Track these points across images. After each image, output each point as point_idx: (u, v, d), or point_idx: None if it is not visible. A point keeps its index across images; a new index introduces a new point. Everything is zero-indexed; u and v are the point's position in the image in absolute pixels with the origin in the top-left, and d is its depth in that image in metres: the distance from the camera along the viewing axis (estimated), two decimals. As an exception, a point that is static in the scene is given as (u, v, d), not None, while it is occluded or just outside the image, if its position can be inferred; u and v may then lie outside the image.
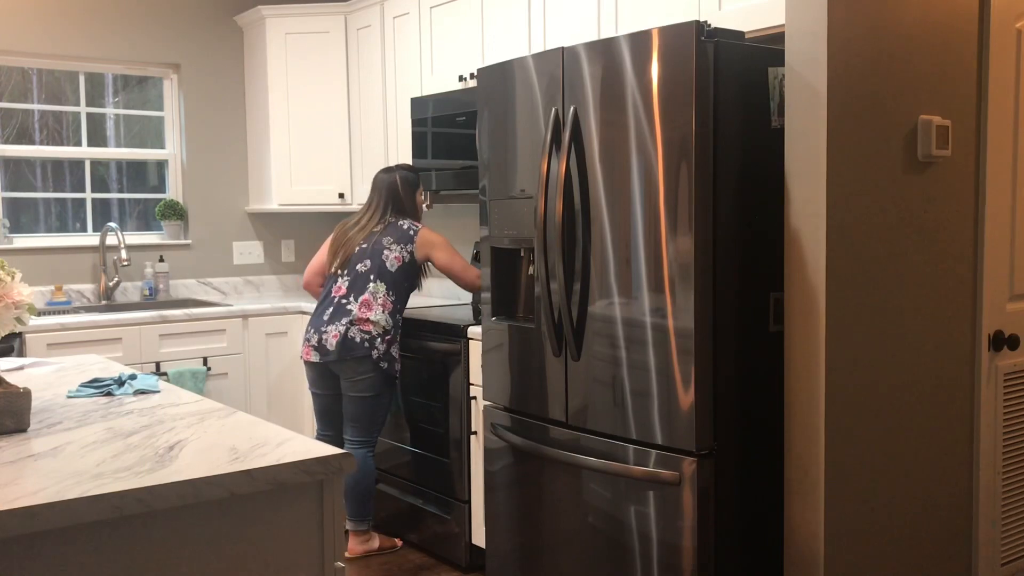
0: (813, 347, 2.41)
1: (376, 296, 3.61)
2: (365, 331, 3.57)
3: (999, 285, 2.89)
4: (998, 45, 2.81)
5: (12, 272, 1.86)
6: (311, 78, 4.83)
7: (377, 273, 3.63)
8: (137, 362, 4.15)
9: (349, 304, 3.62)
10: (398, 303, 3.67)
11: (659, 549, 2.57)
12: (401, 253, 3.65)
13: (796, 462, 2.47)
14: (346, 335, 3.57)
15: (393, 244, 3.65)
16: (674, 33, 2.45)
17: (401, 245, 3.66)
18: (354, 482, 3.64)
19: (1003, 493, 2.95)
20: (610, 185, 2.64)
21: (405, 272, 3.67)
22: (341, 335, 3.57)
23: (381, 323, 3.59)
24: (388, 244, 3.65)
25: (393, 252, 3.65)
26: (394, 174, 3.80)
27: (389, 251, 3.64)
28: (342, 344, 3.57)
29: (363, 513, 3.72)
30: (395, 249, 3.65)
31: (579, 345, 2.76)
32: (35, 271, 4.56)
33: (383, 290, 3.62)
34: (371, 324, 3.58)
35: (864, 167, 2.47)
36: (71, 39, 4.70)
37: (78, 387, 2.27)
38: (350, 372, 3.61)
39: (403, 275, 3.67)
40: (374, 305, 3.60)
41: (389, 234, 3.68)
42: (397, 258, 3.65)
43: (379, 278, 3.63)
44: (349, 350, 3.57)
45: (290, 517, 1.64)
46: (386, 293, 3.62)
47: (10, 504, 1.36)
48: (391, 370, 3.65)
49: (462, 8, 4.02)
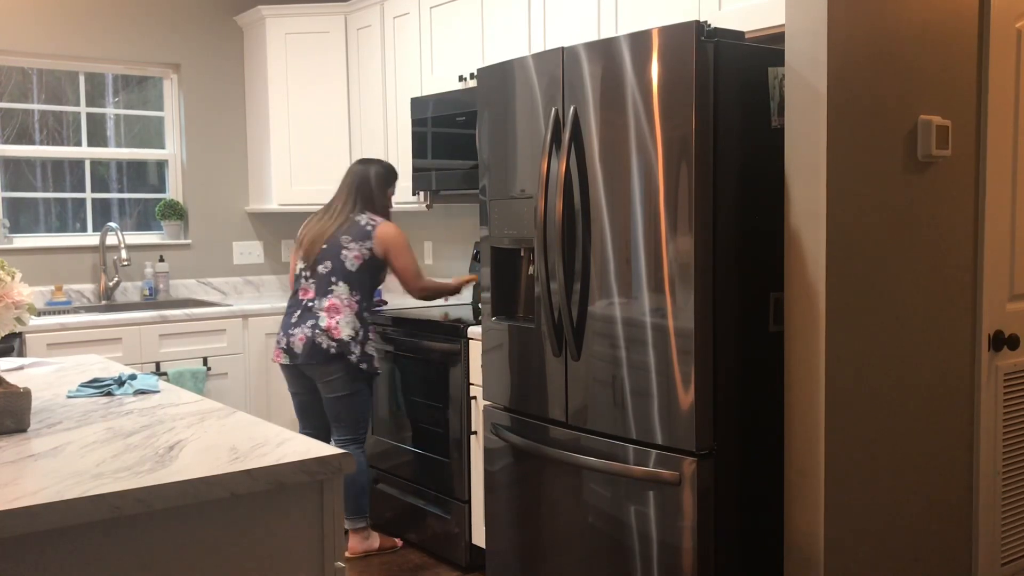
0: (813, 347, 2.41)
1: (341, 298, 3.59)
2: (335, 339, 3.56)
3: (999, 285, 2.89)
4: (998, 45, 2.81)
5: (12, 272, 1.86)
6: (311, 78, 4.83)
7: (339, 274, 3.61)
8: (137, 362, 4.15)
9: (315, 308, 3.61)
10: (363, 300, 3.65)
11: (659, 549, 2.57)
12: (360, 251, 3.62)
13: (796, 462, 2.47)
14: (313, 340, 3.56)
15: (351, 243, 3.62)
16: (674, 33, 2.45)
17: (359, 243, 3.63)
18: (348, 480, 3.64)
19: (1003, 493, 2.95)
20: (610, 185, 2.64)
21: (368, 269, 3.65)
22: (308, 339, 3.57)
23: (351, 327, 3.58)
24: (346, 243, 3.62)
25: (352, 251, 3.62)
26: (370, 167, 3.77)
27: (348, 250, 3.61)
28: (308, 348, 3.57)
29: (358, 510, 3.72)
30: (353, 248, 3.62)
31: (579, 345, 2.76)
32: (35, 271, 4.56)
33: (346, 291, 3.60)
34: (340, 330, 3.56)
35: (864, 167, 2.47)
36: (71, 39, 4.70)
37: (78, 387, 2.27)
38: (320, 374, 3.62)
39: (366, 273, 3.65)
40: (341, 308, 3.58)
41: (348, 232, 3.64)
42: (356, 256, 3.62)
43: (341, 279, 3.61)
44: (315, 354, 3.57)
45: (290, 517, 1.64)
46: (350, 294, 3.61)
47: (10, 504, 1.36)
48: (370, 369, 3.65)
49: (462, 8, 4.02)
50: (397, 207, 4.54)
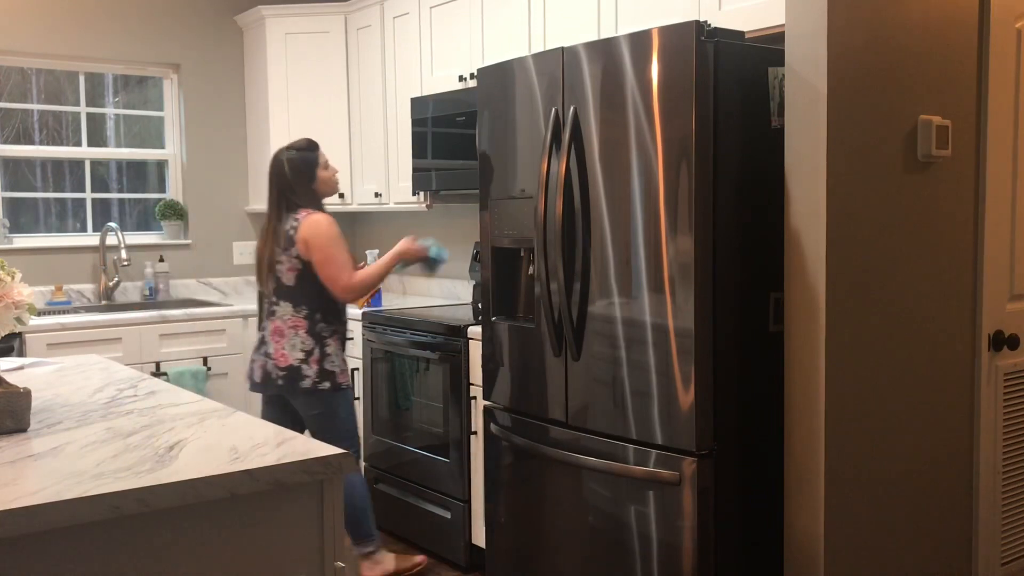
0: (813, 347, 2.41)
1: (284, 320, 3.25)
2: (283, 367, 3.23)
3: (999, 285, 2.89)
4: (998, 45, 2.81)
5: (12, 272, 1.86)
6: (311, 78, 4.83)
7: (279, 293, 3.26)
8: (137, 362, 4.15)
9: (264, 333, 3.32)
10: (313, 312, 3.25)
11: (659, 549, 2.57)
12: (291, 262, 3.23)
13: (796, 462, 2.47)
14: (265, 367, 3.28)
15: (282, 254, 3.24)
16: (674, 33, 2.45)
17: (287, 253, 3.23)
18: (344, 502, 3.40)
19: (1003, 493, 2.95)
20: (610, 185, 2.64)
21: (305, 278, 3.24)
22: (262, 367, 3.29)
23: (299, 348, 3.23)
24: (278, 256, 3.25)
25: (284, 264, 3.24)
26: (282, 158, 3.30)
27: (280, 264, 3.25)
28: (263, 376, 3.29)
29: (363, 533, 3.41)
30: (284, 260, 3.24)
31: (579, 345, 2.76)
32: (35, 271, 4.56)
33: (289, 310, 3.25)
34: (287, 356, 3.23)
35: (864, 167, 2.47)
36: (71, 39, 4.70)
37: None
38: (289, 396, 3.30)
39: (306, 281, 3.24)
40: (285, 331, 3.24)
41: (277, 243, 3.25)
42: (289, 269, 3.23)
43: (281, 298, 3.26)
44: (269, 385, 3.29)
45: (290, 517, 1.64)
46: (294, 312, 3.24)
47: (10, 504, 1.36)
48: (333, 385, 3.27)
49: (462, 8, 4.02)
50: (397, 207, 4.55)
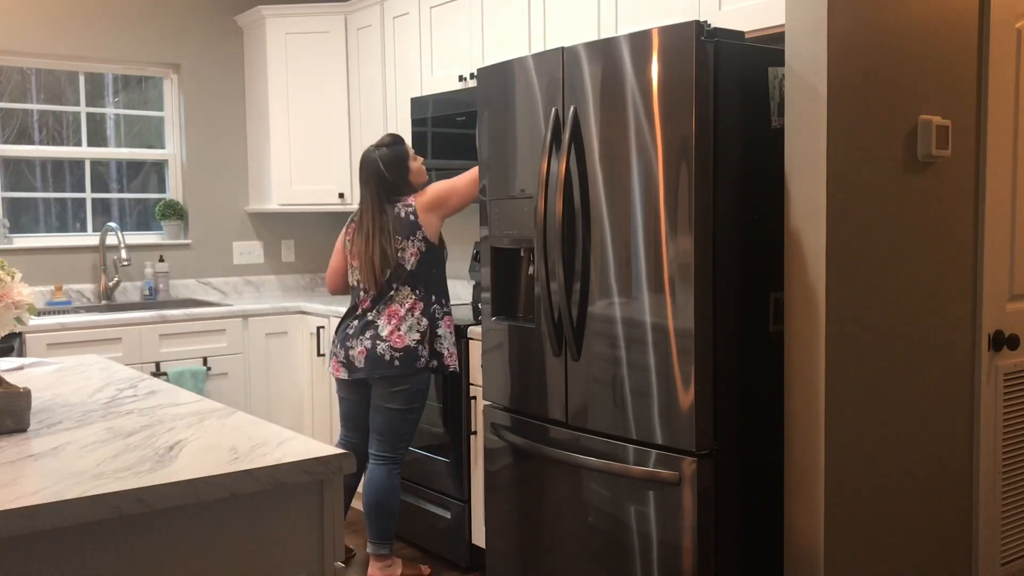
0: (813, 347, 2.41)
1: (403, 303, 3.38)
2: (398, 348, 3.35)
3: (999, 285, 2.89)
4: (998, 45, 2.81)
5: (12, 272, 1.86)
6: (311, 78, 4.83)
7: (400, 279, 3.39)
8: (137, 362, 4.15)
9: (375, 318, 3.40)
10: (430, 294, 3.42)
11: (659, 549, 2.57)
12: (416, 245, 3.38)
13: (796, 462, 2.47)
14: (374, 351, 3.35)
15: (403, 240, 3.38)
16: (674, 33, 2.45)
17: (410, 238, 3.38)
18: (375, 500, 3.42)
19: (1003, 493, 2.95)
20: (610, 185, 2.64)
21: (428, 260, 3.42)
22: (368, 351, 3.36)
23: (415, 329, 3.36)
24: (399, 244, 3.38)
25: (408, 249, 3.38)
26: (374, 156, 3.46)
27: (403, 250, 3.38)
28: (371, 360, 3.36)
29: (384, 535, 3.45)
30: (408, 245, 3.38)
31: (579, 345, 2.76)
32: (35, 271, 4.56)
33: (408, 292, 3.39)
34: (404, 337, 3.35)
35: (864, 167, 2.47)
36: (71, 39, 4.70)
37: None
38: (384, 385, 3.39)
39: (427, 264, 3.42)
40: (402, 313, 3.37)
41: (396, 231, 3.38)
42: (413, 252, 3.39)
43: (403, 283, 3.39)
44: (379, 367, 3.36)
45: (290, 517, 1.64)
46: (413, 295, 3.39)
47: (10, 504, 1.36)
48: (440, 367, 3.42)
49: (462, 8, 4.02)
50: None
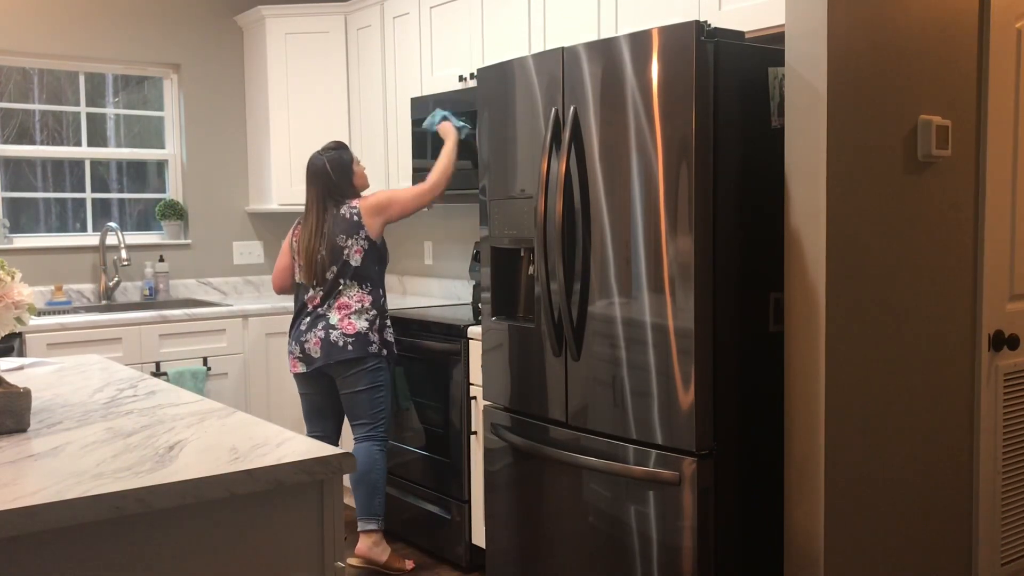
0: (813, 347, 2.41)
1: (351, 297, 3.58)
2: (350, 335, 3.54)
3: (999, 285, 2.89)
4: (998, 45, 2.81)
5: (12, 272, 1.86)
6: (311, 78, 4.83)
7: (345, 274, 3.59)
8: (137, 362, 4.15)
9: (326, 312, 3.59)
10: (375, 289, 3.63)
11: (659, 549, 2.57)
12: (360, 244, 3.59)
13: (796, 462, 2.47)
14: (328, 339, 3.54)
15: (347, 239, 3.58)
16: (674, 33, 2.45)
17: (354, 236, 3.58)
18: (359, 474, 3.59)
19: (1003, 493, 2.95)
20: (610, 185, 2.64)
21: (372, 257, 3.62)
22: (322, 340, 3.55)
23: (364, 318, 3.57)
24: (343, 242, 3.58)
25: (352, 247, 3.58)
26: (322, 160, 3.66)
27: (347, 248, 3.58)
28: (325, 347, 3.55)
29: (371, 510, 3.62)
30: (351, 243, 3.58)
31: (579, 345, 2.76)
32: (35, 271, 4.56)
33: (355, 288, 3.59)
34: (354, 324, 3.55)
35: (864, 167, 2.47)
36: (71, 39, 4.70)
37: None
38: (341, 371, 3.58)
39: (371, 261, 3.62)
40: (352, 304, 3.57)
41: (340, 231, 3.58)
42: (358, 250, 3.59)
43: (351, 278, 3.59)
44: (334, 353, 3.55)
45: (290, 517, 1.64)
46: (360, 289, 3.60)
47: (10, 504, 1.36)
48: (391, 355, 3.64)
49: (462, 8, 4.02)
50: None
